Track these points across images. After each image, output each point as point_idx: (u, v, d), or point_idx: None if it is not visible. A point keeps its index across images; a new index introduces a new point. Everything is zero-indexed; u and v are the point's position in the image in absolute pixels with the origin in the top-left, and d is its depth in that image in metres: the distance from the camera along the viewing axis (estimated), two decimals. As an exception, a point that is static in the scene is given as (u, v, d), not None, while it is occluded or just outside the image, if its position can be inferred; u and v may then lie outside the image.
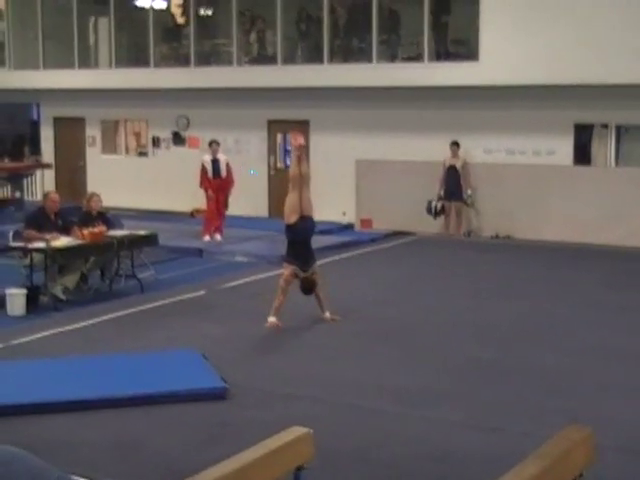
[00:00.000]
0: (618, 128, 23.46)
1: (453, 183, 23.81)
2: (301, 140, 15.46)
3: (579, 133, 23.80)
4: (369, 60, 25.18)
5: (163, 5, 29.06)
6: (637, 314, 15.19)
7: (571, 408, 10.28)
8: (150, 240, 18.02)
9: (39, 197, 23.98)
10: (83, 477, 8.26)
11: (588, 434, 5.47)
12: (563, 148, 23.76)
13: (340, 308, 15.68)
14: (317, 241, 15.70)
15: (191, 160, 25.16)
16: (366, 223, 25.05)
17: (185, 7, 28.18)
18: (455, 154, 23.83)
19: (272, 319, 14.28)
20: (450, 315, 15.42)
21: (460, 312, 15.65)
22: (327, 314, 14.85)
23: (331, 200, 25.47)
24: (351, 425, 10.05)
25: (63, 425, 10.02)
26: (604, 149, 23.66)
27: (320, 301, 14.94)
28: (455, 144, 23.76)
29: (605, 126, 23.51)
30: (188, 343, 13.15)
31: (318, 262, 14.99)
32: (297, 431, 5.93)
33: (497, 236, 23.71)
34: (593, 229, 22.46)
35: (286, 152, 27.07)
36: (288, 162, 26.75)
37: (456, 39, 25.12)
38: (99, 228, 16.93)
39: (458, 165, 23.77)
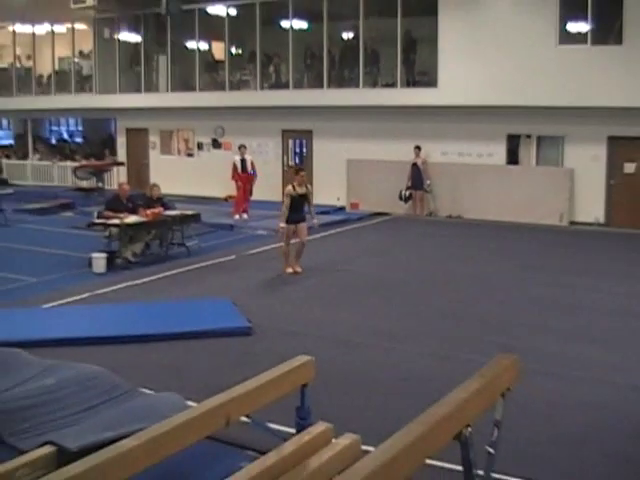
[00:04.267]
0: (538, 138, 23.48)
1: (417, 177, 23.79)
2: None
3: (510, 141, 23.78)
4: (357, 86, 25.13)
5: (206, 46, 29.07)
6: (558, 274, 15.21)
7: (505, 342, 10.31)
8: (195, 218, 18.05)
9: (115, 187, 23.90)
10: (146, 388, 8.32)
11: (515, 360, 5.49)
12: (499, 152, 23.76)
13: (336, 266, 15.75)
14: (318, 219, 15.76)
15: (225, 159, 25.13)
16: (355, 205, 25.05)
17: (222, 47, 28.21)
18: (418, 155, 23.79)
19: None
20: (420, 274, 15.43)
21: (427, 272, 15.67)
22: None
23: (328, 189, 25.58)
24: (344, 355, 10.07)
25: (131, 352, 10.06)
26: (528, 153, 23.66)
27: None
28: (417, 148, 23.71)
29: (529, 136, 23.52)
30: (222, 293, 13.18)
31: (319, 235, 14.98)
32: (302, 359, 5.94)
33: (451, 216, 23.66)
34: (521, 211, 22.50)
35: (295, 154, 27.17)
36: (297, 160, 26.94)
37: (421, 71, 24.99)
38: (158, 209, 17.03)
39: (420, 163, 23.77)
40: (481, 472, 5.02)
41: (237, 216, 22.64)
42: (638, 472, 6.75)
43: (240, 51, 28.78)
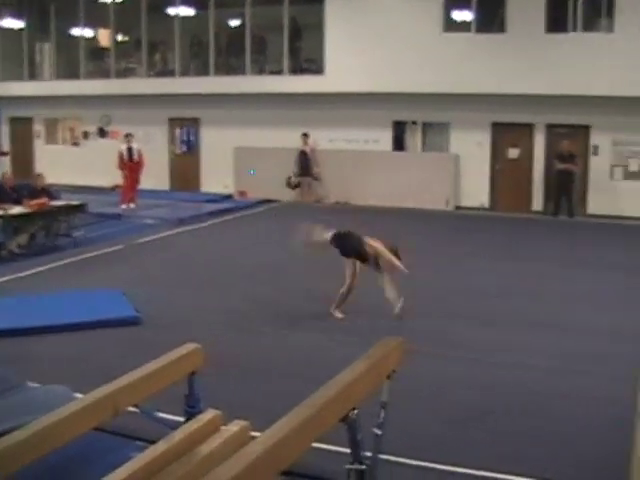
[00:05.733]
0: (424, 124, 23.84)
1: (304, 164, 23.90)
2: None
3: (396, 127, 24.10)
4: (244, 73, 25.12)
5: (91, 34, 28.55)
6: (443, 258, 15.47)
7: (394, 327, 10.44)
8: (81, 208, 17.76)
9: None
10: (34, 382, 8.19)
11: (400, 342, 5.56)
12: (385, 138, 24.07)
13: (224, 254, 15.73)
14: (206, 207, 15.72)
15: (112, 149, 24.71)
16: (243, 194, 25.02)
17: (108, 34, 27.79)
18: (305, 142, 23.91)
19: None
20: (306, 259, 15.54)
21: (312, 257, 15.79)
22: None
23: (216, 177, 25.57)
24: (236, 341, 10.08)
25: (18, 345, 9.86)
26: (414, 139, 24.02)
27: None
28: (305, 135, 23.86)
29: (415, 122, 23.87)
30: (110, 284, 13.02)
31: (207, 223, 14.87)
32: (190, 346, 5.92)
33: (338, 202, 23.86)
34: (408, 196, 22.83)
35: (183, 142, 26.97)
36: (184, 149, 26.78)
37: (308, 58, 25.13)
38: (43, 200, 16.69)
39: (308, 150, 23.88)
40: (369, 453, 5.09)
41: (125, 205, 22.38)
42: (525, 447, 6.93)
43: (126, 38, 28.38)
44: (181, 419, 6.01)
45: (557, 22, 21.70)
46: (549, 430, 7.24)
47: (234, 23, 26.37)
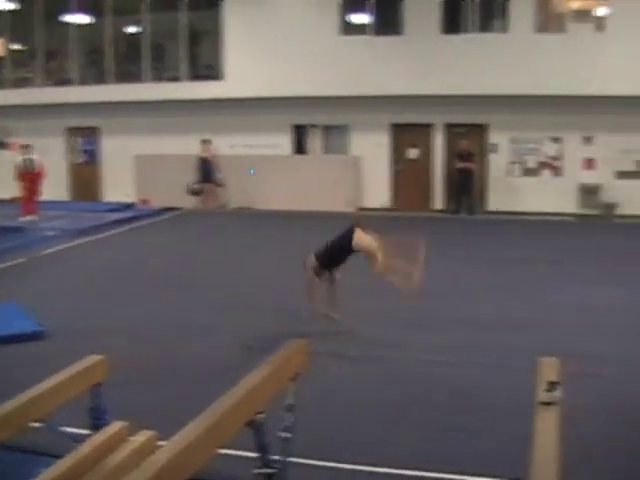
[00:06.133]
0: (324, 127, 24.03)
1: (206, 170, 23.82)
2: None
3: (297, 131, 24.27)
4: (143, 80, 24.97)
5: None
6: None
7: (299, 330, 10.47)
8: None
9: None
10: None
11: (304, 344, 5.63)
12: (285, 142, 24.23)
13: (129, 262, 15.63)
14: (108, 217, 15.57)
15: (12, 161, 24.19)
16: (145, 202, 24.84)
17: (2, 43, 27.29)
18: (206, 149, 23.85)
19: None
20: (209, 264, 15.54)
21: (216, 261, 15.81)
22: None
23: (118, 186, 25.35)
24: (143, 350, 10.00)
25: None
26: (314, 142, 24.20)
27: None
28: (204, 141, 23.82)
29: (315, 126, 24.04)
30: (12, 297, 12.80)
31: (109, 233, 14.77)
32: (93, 358, 5.88)
33: (241, 208, 23.87)
34: (310, 199, 22.95)
35: (82, 151, 26.69)
36: (84, 158, 26.47)
37: (206, 64, 25.11)
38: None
39: (209, 157, 23.82)
40: (278, 457, 5.14)
41: (25, 217, 22.00)
42: (452, 439, 7.02)
43: (22, 47, 27.91)
44: (88, 432, 5.98)
45: (453, 24, 22.14)
46: (464, 424, 7.35)
47: (131, 30, 26.19)
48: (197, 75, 24.87)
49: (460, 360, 9.34)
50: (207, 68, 25.03)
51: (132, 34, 26.13)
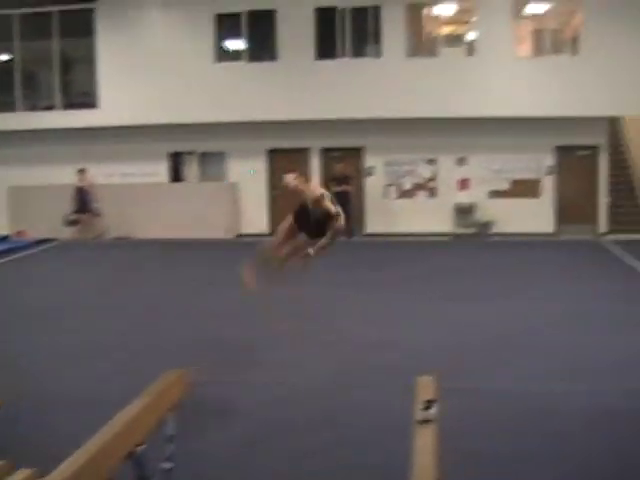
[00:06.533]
0: (201, 154, 24.06)
1: (82, 200, 23.42)
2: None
3: (173, 158, 24.24)
4: (15, 110, 24.49)
5: None
6: (227, 287, 15.52)
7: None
8: None
9: None
10: None
11: (182, 374, 5.61)
12: (162, 170, 24.15)
13: (4, 296, 15.28)
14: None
15: None
16: (22, 233, 24.29)
17: None
18: (83, 178, 23.49)
19: None
20: (92, 296, 15.32)
21: (98, 293, 15.58)
22: None
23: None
24: (16, 383, 9.78)
25: None
26: (191, 170, 24.21)
27: None
28: (81, 170, 23.43)
29: (191, 153, 24.05)
30: None
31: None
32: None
33: (119, 237, 23.62)
34: (189, 227, 22.90)
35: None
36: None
37: (81, 92, 24.78)
38: None
39: (86, 186, 23.47)
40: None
41: None
42: (315, 462, 7.06)
43: None
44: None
45: (327, 49, 22.45)
46: (337, 443, 7.39)
47: (2, 58, 25.68)
48: (72, 103, 24.46)
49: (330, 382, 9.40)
50: (82, 96, 24.70)
51: (3, 62, 25.62)
